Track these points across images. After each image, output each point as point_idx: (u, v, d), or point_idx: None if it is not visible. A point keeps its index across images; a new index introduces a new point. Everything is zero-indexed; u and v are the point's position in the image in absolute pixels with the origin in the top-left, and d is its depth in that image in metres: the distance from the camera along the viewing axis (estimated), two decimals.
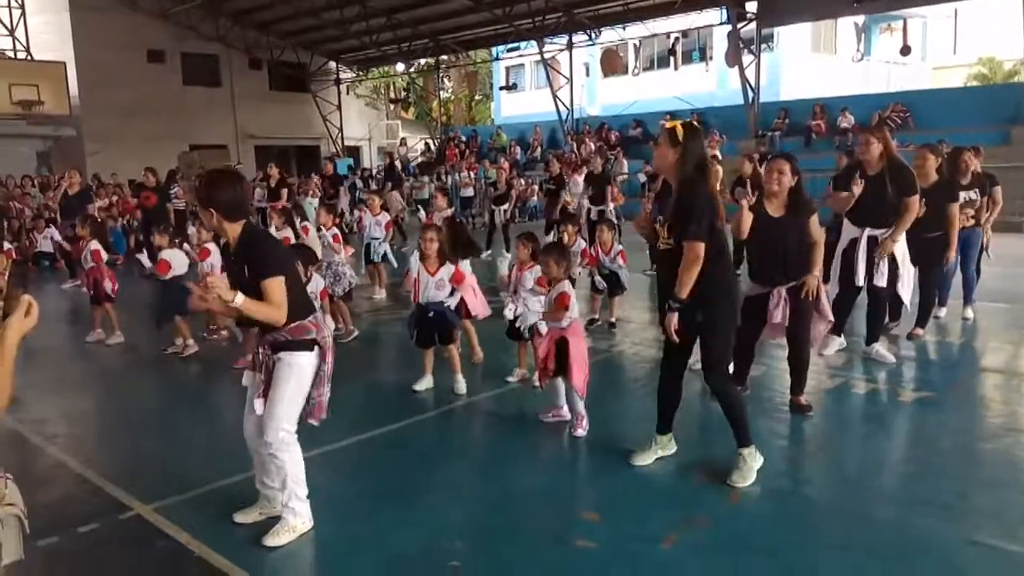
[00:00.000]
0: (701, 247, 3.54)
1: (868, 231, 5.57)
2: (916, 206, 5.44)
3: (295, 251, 5.52)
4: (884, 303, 5.77)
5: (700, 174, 3.64)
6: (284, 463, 3.33)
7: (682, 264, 3.57)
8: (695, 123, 3.89)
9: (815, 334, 4.91)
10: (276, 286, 3.16)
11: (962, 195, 6.62)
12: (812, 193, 5.27)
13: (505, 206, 13.07)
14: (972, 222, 6.84)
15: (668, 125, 3.71)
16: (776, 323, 4.72)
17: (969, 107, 17.49)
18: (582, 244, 6.99)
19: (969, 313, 7.16)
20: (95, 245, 7.52)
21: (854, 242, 5.63)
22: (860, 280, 5.61)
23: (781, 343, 4.98)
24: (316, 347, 3.33)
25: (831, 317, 4.99)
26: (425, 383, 5.52)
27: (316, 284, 6.12)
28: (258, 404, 3.36)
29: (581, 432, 4.55)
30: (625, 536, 3.36)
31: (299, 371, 3.31)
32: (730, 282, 3.80)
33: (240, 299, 3.11)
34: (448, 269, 5.39)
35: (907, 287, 5.74)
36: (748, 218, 4.61)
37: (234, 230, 3.27)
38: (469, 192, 16.88)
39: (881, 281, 5.57)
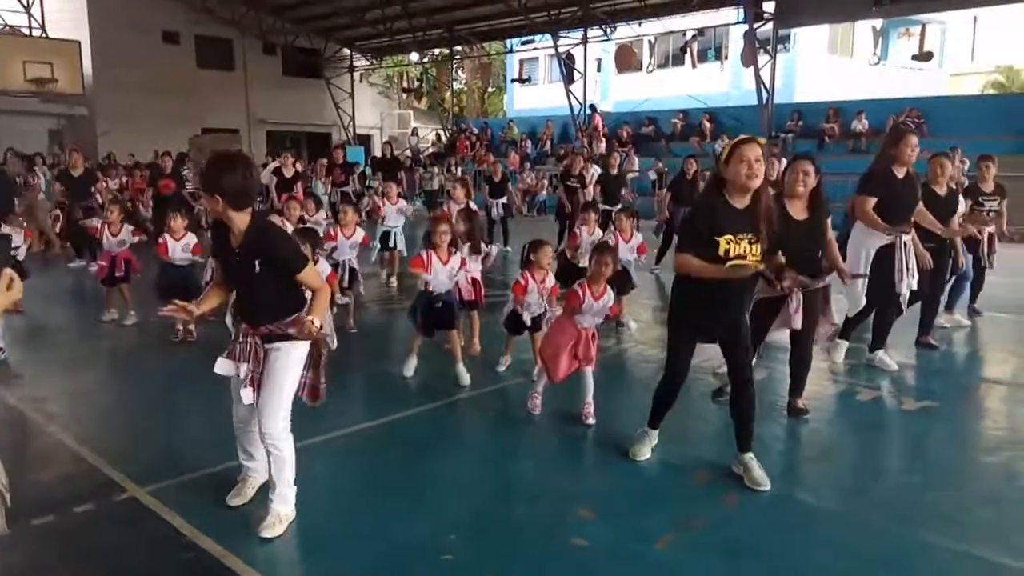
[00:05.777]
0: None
1: None
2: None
3: (302, 235, 5.47)
4: (886, 312, 5.67)
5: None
6: (283, 452, 3.30)
7: None
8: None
9: (817, 336, 4.85)
10: (311, 273, 3.27)
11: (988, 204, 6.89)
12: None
13: (502, 200, 12.64)
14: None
15: None
16: (791, 324, 4.60)
17: (985, 115, 17.31)
18: (606, 235, 6.88)
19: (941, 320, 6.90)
20: (131, 228, 7.51)
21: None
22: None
23: (784, 346, 4.91)
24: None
25: (835, 320, 4.94)
26: (412, 366, 5.62)
27: (324, 268, 5.97)
28: (246, 394, 3.29)
29: (593, 420, 4.62)
30: (619, 535, 3.35)
31: (297, 362, 3.31)
32: (691, 294, 3.73)
33: (318, 322, 3.15)
34: (457, 258, 5.41)
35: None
36: None
37: (242, 220, 3.07)
38: (436, 185, 16.37)
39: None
